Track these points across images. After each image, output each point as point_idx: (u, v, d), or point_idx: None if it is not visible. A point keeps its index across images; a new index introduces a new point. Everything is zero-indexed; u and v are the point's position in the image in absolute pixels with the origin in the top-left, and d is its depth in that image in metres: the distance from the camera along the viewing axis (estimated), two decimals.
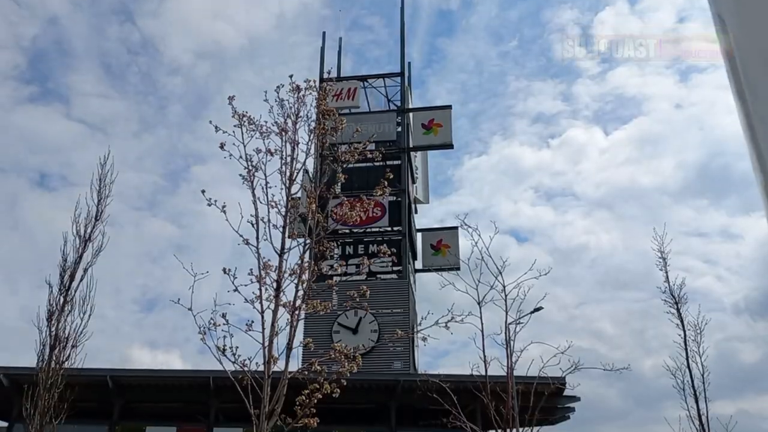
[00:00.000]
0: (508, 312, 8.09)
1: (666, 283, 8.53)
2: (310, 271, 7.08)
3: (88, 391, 30.78)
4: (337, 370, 6.90)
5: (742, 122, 1.59)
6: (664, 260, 8.62)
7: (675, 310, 8.48)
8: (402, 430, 35.44)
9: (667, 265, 8.75)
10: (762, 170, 1.51)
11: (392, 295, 44.70)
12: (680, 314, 8.45)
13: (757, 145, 1.51)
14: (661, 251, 8.50)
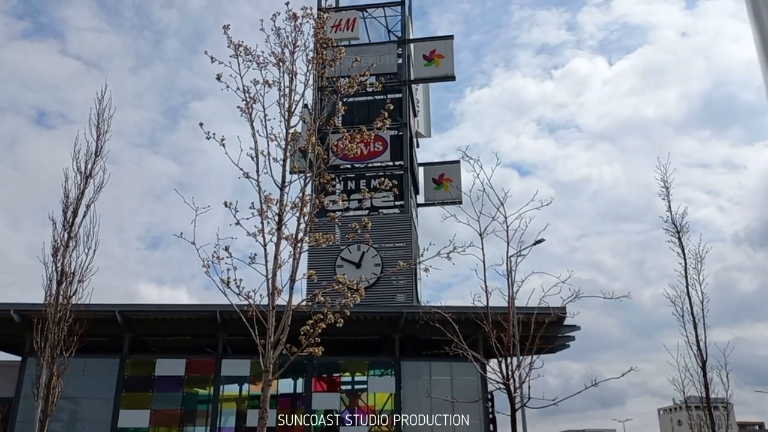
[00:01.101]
0: (509, 243, 8.11)
1: (668, 213, 8.51)
2: (312, 204, 7.07)
3: (98, 326, 31.45)
4: (340, 301, 6.98)
5: (758, 45, 1.53)
6: (667, 190, 8.58)
7: (676, 239, 8.49)
8: (405, 361, 36.41)
9: (669, 195, 8.71)
10: None
11: (394, 230, 44.98)
12: (681, 243, 8.48)
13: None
14: (664, 181, 8.44)
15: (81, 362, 31.64)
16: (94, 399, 33.31)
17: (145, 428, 34.30)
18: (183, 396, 34.83)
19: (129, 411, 33.64)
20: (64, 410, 32.84)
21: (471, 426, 35.25)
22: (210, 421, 34.20)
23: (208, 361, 35.66)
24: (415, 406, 35.13)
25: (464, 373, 34.62)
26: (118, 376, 33.97)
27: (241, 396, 36.98)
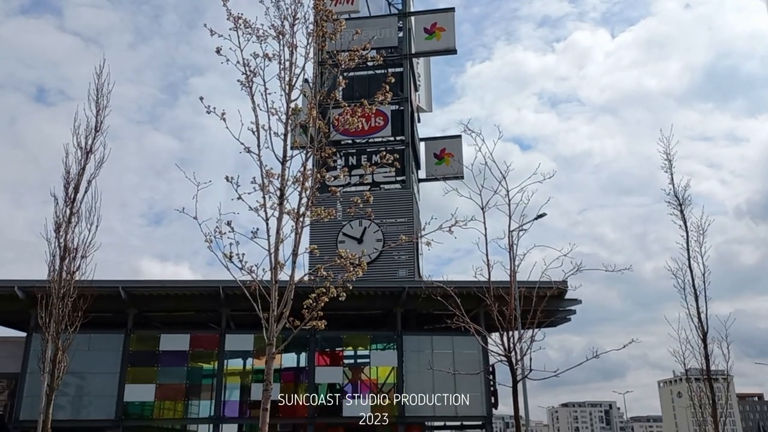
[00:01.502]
0: (511, 217, 8.10)
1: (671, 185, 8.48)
2: (314, 179, 7.06)
3: (102, 302, 31.69)
4: (342, 275, 7.01)
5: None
6: (669, 162, 8.55)
7: (678, 211, 8.47)
8: (407, 335, 36.71)
9: (672, 167, 8.67)
10: None
11: (396, 205, 45.00)
12: (683, 215, 8.46)
13: None
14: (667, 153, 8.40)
15: (86, 338, 31.92)
16: (100, 374, 33.68)
17: (151, 402, 34.73)
18: (188, 370, 35.20)
19: (134, 385, 34.03)
20: (71, 385, 33.22)
21: (473, 399, 35.64)
22: (215, 395, 34.61)
23: (212, 336, 35.96)
24: (417, 379, 35.47)
25: (466, 347, 34.91)
26: (123, 351, 34.30)
27: (245, 370, 37.35)
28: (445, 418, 39.38)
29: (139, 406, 34.74)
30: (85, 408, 33.80)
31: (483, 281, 8.08)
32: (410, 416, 34.92)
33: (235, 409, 35.81)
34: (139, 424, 37.20)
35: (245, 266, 6.53)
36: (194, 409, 35.46)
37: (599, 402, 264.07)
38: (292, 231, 6.71)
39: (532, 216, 8.97)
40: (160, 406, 35.19)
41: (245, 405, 35.97)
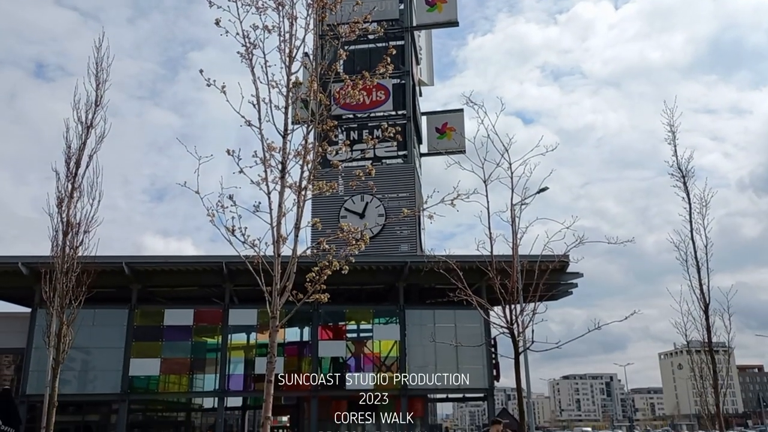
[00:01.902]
0: (513, 190, 8.07)
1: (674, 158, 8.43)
2: (315, 152, 7.02)
3: (106, 278, 31.85)
4: (345, 249, 7.01)
5: None
6: (673, 134, 8.48)
7: (682, 183, 8.43)
8: (410, 309, 36.94)
9: (675, 139, 8.60)
10: None
11: (398, 180, 44.98)
12: (686, 187, 8.42)
13: None
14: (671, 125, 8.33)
15: (90, 313, 32.16)
16: (105, 348, 34.00)
17: (156, 376, 35.11)
18: (192, 345, 35.52)
19: (139, 359, 34.38)
20: (76, 360, 33.57)
21: (474, 371, 35.97)
22: (219, 369, 34.96)
23: (216, 311, 36.22)
24: (420, 352, 35.78)
25: (468, 321, 35.14)
26: (127, 326, 34.59)
27: (249, 344, 37.68)
28: (447, 391, 39.83)
29: (144, 380, 35.13)
30: (91, 382, 34.20)
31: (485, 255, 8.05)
32: (413, 389, 35.29)
33: (239, 383, 36.20)
34: (145, 398, 37.67)
35: (247, 240, 6.52)
36: (199, 382, 35.87)
37: (600, 374, 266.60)
38: (294, 205, 6.70)
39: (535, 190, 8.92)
40: (165, 380, 35.59)
41: (249, 378, 36.36)
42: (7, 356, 37.35)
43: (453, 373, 35.78)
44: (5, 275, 33.70)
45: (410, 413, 35.70)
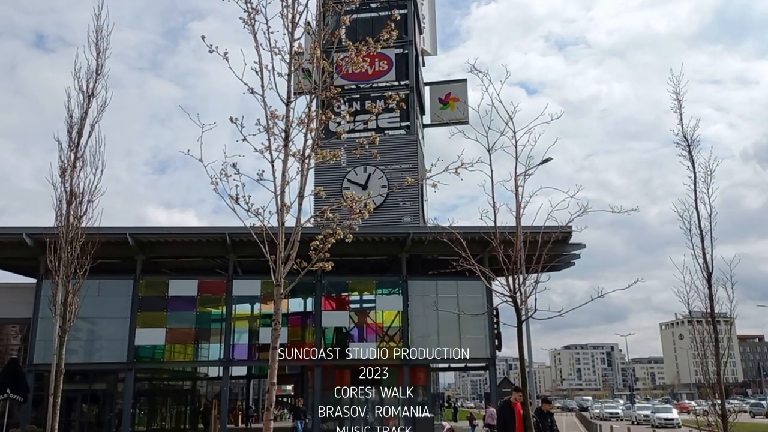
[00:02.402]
0: (518, 159, 8.02)
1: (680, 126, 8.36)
2: (318, 120, 6.97)
3: (110, 249, 31.93)
4: (349, 217, 7.01)
5: None
6: (679, 102, 8.39)
7: (687, 152, 8.37)
8: (412, 280, 37.12)
9: (681, 107, 8.51)
10: None
11: (401, 151, 44.79)
12: (692, 156, 8.36)
13: None
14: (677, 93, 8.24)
15: (95, 284, 32.38)
16: (111, 318, 34.32)
17: (162, 345, 35.50)
18: (197, 315, 35.82)
19: (145, 329, 34.72)
20: (83, 330, 33.92)
21: (476, 341, 36.28)
22: (224, 339, 35.31)
23: (220, 282, 36.44)
24: (422, 323, 36.05)
25: (470, 291, 35.32)
26: (132, 296, 34.85)
27: (253, 315, 37.99)
28: (449, 360, 40.22)
29: (150, 349, 35.52)
30: (97, 352, 34.60)
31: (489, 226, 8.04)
32: (415, 359, 35.65)
33: (243, 352, 36.60)
34: (151, 367, 38.14)
35: (251, 209, 6.52)
36: (204, 352, 36.27)
37: (601, 344, 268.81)
38: (297, 173, 6.68)
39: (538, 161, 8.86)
40: (170, 349, 35.98)
41: (254, 348, 36.74)
42: (14, 326, 37.75)
43: (455, 343, 36.10)
44: (10, 246, 33.88)
45: (413, 382, 36.12)
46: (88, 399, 37.51)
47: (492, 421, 32.94)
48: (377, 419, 37.05)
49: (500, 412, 12.07)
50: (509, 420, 11.54)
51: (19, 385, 30.70)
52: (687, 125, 8.28)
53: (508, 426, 11.48)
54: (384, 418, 37.03)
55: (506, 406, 11.97)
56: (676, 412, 45.31)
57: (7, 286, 38.74)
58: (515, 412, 11.55)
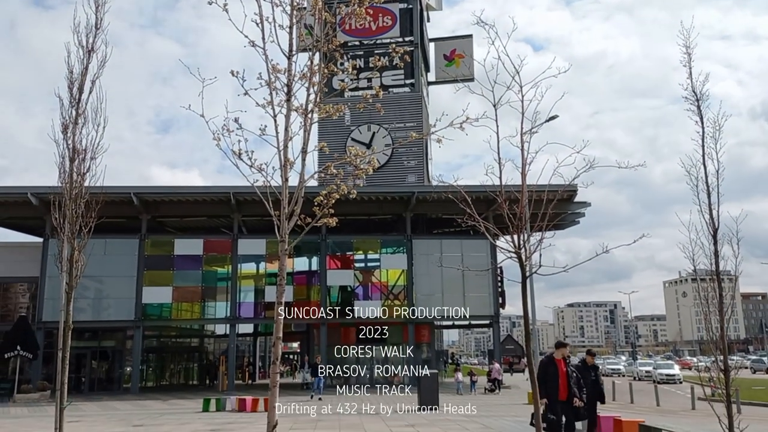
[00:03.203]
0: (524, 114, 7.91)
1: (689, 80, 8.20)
2: (321, 74, 6.85)
3: (115, 208, 32.12)
4: (353, 172, 6.95)
5: None
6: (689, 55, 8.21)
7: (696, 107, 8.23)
8: (417, 239, 37.23)
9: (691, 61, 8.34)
10: None
11: (405, 109, 44.39)
12: (700, 111, 8.22)
13: None
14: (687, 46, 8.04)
15: (101, 243, 32.62)
16: (118, 277, 34.62)
17: (169, 304, 35.92)
18: (203, 274, 36.12)
19: (152, 288, 35.06)
20: (90, 289, 34.29)
21: (480, 299, 36.58)
22: (230, 297, 35.68)
23: (225, 241, 36.63)
24: (427, 281, 36.29)
25: (474, 250, 35.45)
26: (138, 255, 35.09)
27: (259, 274, 38.31)
28: (453, 318, 40.64)
29: (157, 307, 35.95)
30: (105, 310, 35.04)
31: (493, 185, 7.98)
32: (420, 316, 36.02)
33: (250, 310, 37.03)
34: (159, 324, 38.67)
35: (254, 164, 6.46)
36: (210, 310, 36.71)
37: (604, 302, 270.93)
38: (300, 128, 6.59)
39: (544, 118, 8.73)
40: (177, 307, 36.43)
41: (260, 306, 37.15)
42: (22, 285, 38.17)
43: (459, 301, 36.39)
44: (15, 206, 34.01)
45: (417, 340, 36.58)
46: (97, 356, 38.18)
47: (498, 376, 33.49)
48: (382, 376, 37.65)
49: (541, 368, 10.99)
50: (551, 377, 10.69)
51: (28, 342, 31.27)
52: (696, 79, 8.08)
53: (549, 383, 10.56)
54: (388, 374, 37.62)
55: (548, 362, 11.04)
56: (677, 368, 45.86)
57: (15, 245, 39.04)
58: (558, 369, 10.81)
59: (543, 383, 10.42)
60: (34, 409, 24.81)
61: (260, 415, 19.81)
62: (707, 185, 8.43)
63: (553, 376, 10.74)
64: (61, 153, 8.44)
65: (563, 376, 10.75)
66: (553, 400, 10.54)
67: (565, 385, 10.73)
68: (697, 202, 8.47)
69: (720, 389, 7.81)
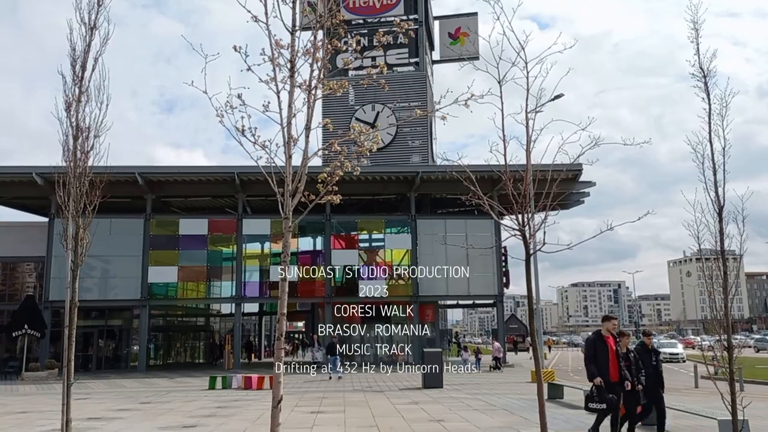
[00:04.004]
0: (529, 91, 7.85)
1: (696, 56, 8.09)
2: (324, 50, 6.80)
3: (120, 188, 32.18)
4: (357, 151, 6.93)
5: None
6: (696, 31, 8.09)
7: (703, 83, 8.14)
8: (421, 218, 37.21)
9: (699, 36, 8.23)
10: None
11: (409, 88, 44.12)
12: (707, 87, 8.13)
13: None
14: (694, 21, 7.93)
15: (107, 222, 32.74)
16: (124, 257, 34.78)
17: (174, 283, 36.10)
18: (208, 253, 36.25)
19: (157, 267, 35.23)
20: (97, 268, 34.47)
21: (485, 279, 36.66)
22: (235, 277, 35.85)
23: (230, 221, 36.70)
24: (431, 260, 36.33)
25: (478, 230, 35.43)
26: (143, 235, 35.21)
27: (263, 253, 38.44)
28: (458, 297, 40.76)
29: (163, 287, 36.15)
30: (112, 289, 35.25)
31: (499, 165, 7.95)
32: (424, 295, 36.12)
33: (255, 290, 37.23)
34: (165, 304, 38.91)
35: (258, 141, 6.43)
36: (216, 289, 36.91)
37: (608, 282, 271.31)
38: (304, 105, 6.55)
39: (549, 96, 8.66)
40: (183, 286, 36.62)
41: (264, 286, 37.34)
42: (28, 264, 38.41)
43: (463, 281, 36.50)
44: (21, 185, 34.10)
45: (421, 319, 36.74)
46: (104, 335, 38.52)
47: (498, 354, 33.72)
48: (386, 354, 37.92)
49: (589, 345, 9.91)
50: (601, 356, 9.52)
51: (36, 321, 31.55)
52: (704, 55, 8.00)
53: (599, 363, 9.44)
54: (393, 353, 37.89)
55: (596, 339, 9.82)
56: (681, 347, 46.05)
57: (21, 225, 39.22)
58: (608, 346, 9.61)
59: (593, 364, 9.53)
60: (42, 387, 25.11)
61: (266, 393, 20.02)
62: (713, 163, 8.37)
63: (602, 355, 9.59)
64: (64, 131, 8.43)
65: (614, 355, 9.59)
66: (607, 381, 9.47)
67: (616, 365, 9.56)
68: (703, 180, 8.42)
69: (723, 368, 7.82)
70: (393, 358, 37.60)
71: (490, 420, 12.96)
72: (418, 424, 12.29)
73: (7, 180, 34.06)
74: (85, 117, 8.46)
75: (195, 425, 12.84)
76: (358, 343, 33.55)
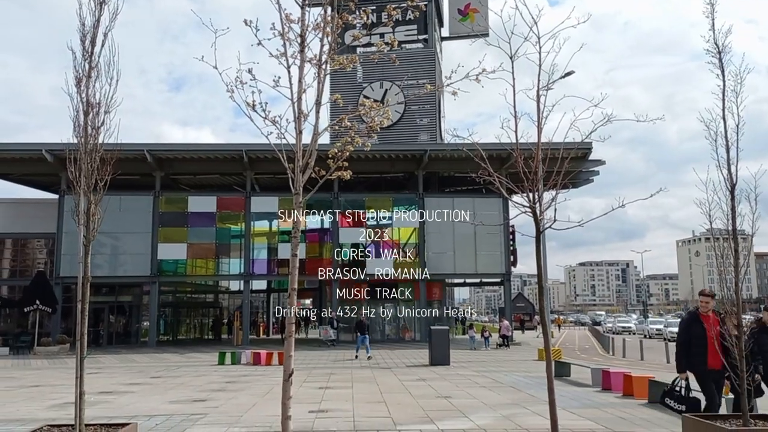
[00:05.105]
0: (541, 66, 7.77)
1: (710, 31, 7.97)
2: (335, 24, 6.75)
3: (129, 165, 32.25)
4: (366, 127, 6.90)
5: None
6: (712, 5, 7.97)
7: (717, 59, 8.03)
8: (429, 197, 37.16)
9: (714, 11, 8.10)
10: None
11: (418, 65, 43.79)
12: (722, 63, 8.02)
13: None
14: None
15: (116, 199, 32.87)
16: (134, 234, 35.01)
17: (184, 260, 36.33)
18: (216, 231, 36.41)
19: (167, 244, 35.45)
20: (107, 245, 34.72)
21: (492, 258, 36.69)
22: (244, 254, 36.02)
23: (238, 199, 36.80)
24: (439, 239, 36.40)
25: (486, 208, 35.36)
26: (153, 212, 35.38)
27: (272, 231, 38.59)
28: (465, 276, 40.84)
29: (172, 263, 36.39)
30: (122, 266, 35.52)
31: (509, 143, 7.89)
32: (432, 273, 36.20)
33: (263, 267, 37.42)
34: (174, 280, 39.21)
35: (268, 116, 6.42)
36: (225, 267, 37.13)
37: (616, 261, 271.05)
38: (314, 80, 6.52)
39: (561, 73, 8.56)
40: (192, 263, 36.84)
41: (273, 263, 37.53)
42: (39, 241, 38.73)
43: (471, 259, 36.54)
44: (31, 162, 34.24)
45: (428, 297, 36.89)
46: (115, 311, 38.91)
47: (507, 332, 33.84)
48: (393, 332, 38.16)
49: (683, 328, 8.59)
50: (698, 339, 8.19)
51: (47, 296, 31.89)
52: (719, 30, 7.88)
53: (695, 347, 8.16)
54: (400, 330, 38.14)
55: (691, 319, 8.52)
56: None
57: (31, 201, 39.47)
58: (706, 328, 8.17)
59: (686, 348, 8.30)
60: (54, 361, 25.45)
61: (274, 369, 20.24)
62: (726, 140, 8.27)
63: (699, 338, 8.20)
64: (75, 107, 8.41)
65: (717, 337, 7.76)
66: (702, 371, 8.19)
67: (720, 350, 7.64)
68: (716, 157, 8.33)
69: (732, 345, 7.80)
70: (400, 335, 37.88)
71: (497, 397, 13.06)
72: (425, 400, 12.39)
73: (17, 157, 34.20)
74: (95, 92, 8.48)
75: (205, 399, 13.01)
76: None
